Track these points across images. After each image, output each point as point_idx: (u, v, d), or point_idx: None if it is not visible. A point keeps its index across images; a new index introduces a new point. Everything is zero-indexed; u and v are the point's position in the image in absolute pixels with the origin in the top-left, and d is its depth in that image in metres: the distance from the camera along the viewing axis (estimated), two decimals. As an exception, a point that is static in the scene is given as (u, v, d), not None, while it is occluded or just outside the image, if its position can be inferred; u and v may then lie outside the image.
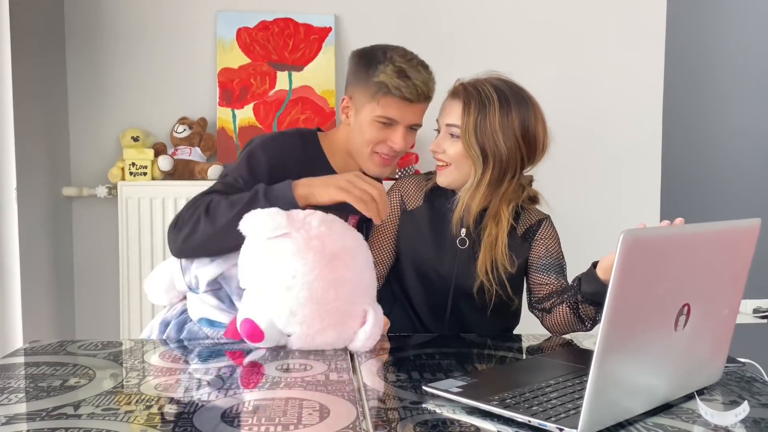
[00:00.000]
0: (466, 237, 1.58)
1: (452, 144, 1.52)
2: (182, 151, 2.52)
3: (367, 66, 1.55)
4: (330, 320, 1.28)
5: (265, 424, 0.91)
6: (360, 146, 1.59)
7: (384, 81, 1.51)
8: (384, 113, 1.54)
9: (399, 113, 1.54)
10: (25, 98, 2.23)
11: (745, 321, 3.01)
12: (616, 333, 0.86)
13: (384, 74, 1.52)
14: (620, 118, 2.78)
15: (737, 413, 0.93)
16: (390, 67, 1.52)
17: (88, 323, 2.61)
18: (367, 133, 1.56)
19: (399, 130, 1.56)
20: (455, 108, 1.51)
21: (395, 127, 1.56)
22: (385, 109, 1.54)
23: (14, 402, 0.99)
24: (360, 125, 1.57)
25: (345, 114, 1.62)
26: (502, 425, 0.93)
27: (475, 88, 1.50)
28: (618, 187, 2.78)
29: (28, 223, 2.24)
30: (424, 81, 1.53)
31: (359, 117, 1.57)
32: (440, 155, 1.55)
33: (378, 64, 1.53)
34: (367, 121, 1.56)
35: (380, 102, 1.53)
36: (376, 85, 1.53)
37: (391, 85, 1.51)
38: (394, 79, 1.51)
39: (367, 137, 1.57)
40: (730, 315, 1.08)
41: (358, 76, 1.57)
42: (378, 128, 1.56)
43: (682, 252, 0.92)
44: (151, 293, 1.52)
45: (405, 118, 1.55)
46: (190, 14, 2.59)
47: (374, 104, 1.54)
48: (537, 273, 1.58)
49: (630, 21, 2.76)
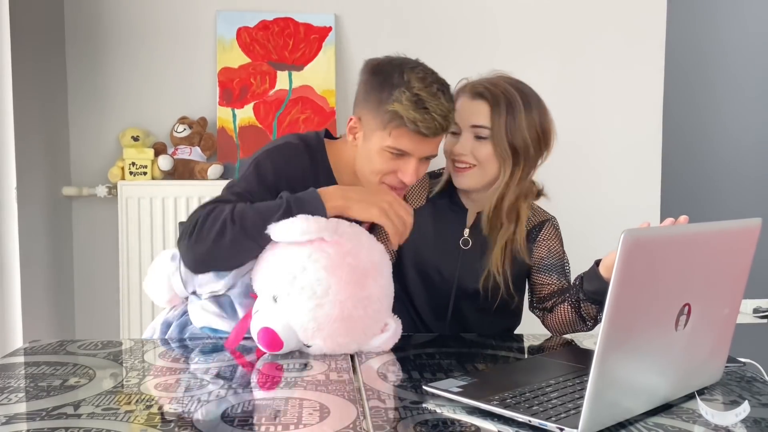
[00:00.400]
0: (469, 237, 1.58)
1: (479, 145, 1.50)
2: (182, 150, 2.52)
3: (379, 88, 1.38)
4: (354, 335, 1.27)
5: (265, 423, 0.91)
6: (367, 174, 1.45)
7: (398, 112, 1.34)
8: (395, 145, 1.38)
9: (412, 146, 1.38)
10: (25, 97, 2.23)
11: (745, 321, 3.01)
12: (617, 333, 0.86)
13: (399, 104, 1.34)
14: (620, 118, 2.78)
15: (738, 413, 0.93)
16: (406, 96, 1.34)
17: (88, 323, 2.61)
18: (376, 162, 1.41)
19: (411, 162, 1.40)
20: (481, 109, 1.49)
21: (407, 158, 1.40)
22: (398, 141, 1.38)
23: (14, 402, 0.98)
24: (368, 152, 1.42)
25: (352, 135, 1.46)
26: (502, 425, 0.92)
27: (498, 88, 1.50)
28: (618, 187, 2.78)
29: (28, 223, 2.24)
30: (444, 114, 1.36)
31: (368, 143, 1.42)
32: (465, 157, 1.51)
33: (393, 89, 1.36)
34: (377, 150, 1.40)
35: (392, 133, 1.37)
36: (389, 114, 1.36)
37: (407, 119, 1.34)
38: (410, 111, 1.34)
39: (375, 166, 1.42)
40: (730, 315, 1.08)
41: (370, 98, 1.40)
42: (388, 158, 1.40)
43: (682, 252, 0.92)
44: (152, 295, 1.47)
45: (419, 150, 1.40)
46: (190, 14, 2.59)
47: (385, 134, 1.38)
48: (539, 273, 1.58)
49: (630, 21, 2.75)
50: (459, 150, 1.51)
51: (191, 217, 1.35)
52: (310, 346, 1.26)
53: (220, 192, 1.43)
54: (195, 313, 1.41)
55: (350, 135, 1.47)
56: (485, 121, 1.49)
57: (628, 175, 2.78)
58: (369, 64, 1.45)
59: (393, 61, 1.43)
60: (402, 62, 1.42)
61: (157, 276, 1.45)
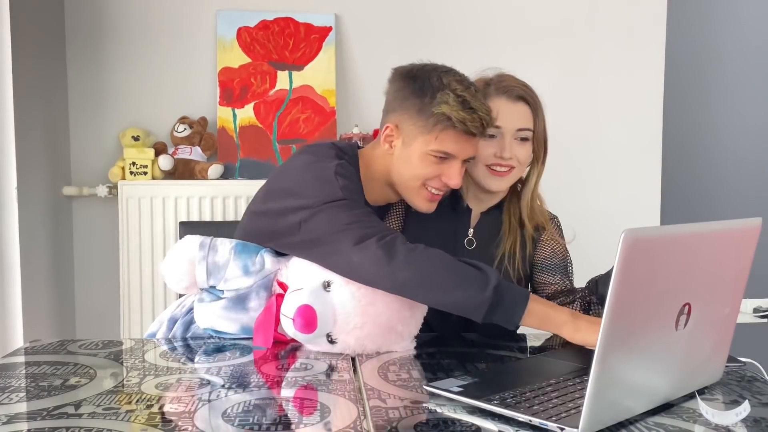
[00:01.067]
0: (473, 238, 1.58)
1: (522, 147, 1.51)
2: (183, 150, 2.52)
3: (420, 93, 1.39)
4: (380, 343, 1.29)
5: (266, 423, 0.91)
6: (408, 180, 1.44)
7: (447, 113, 1.35)
8: (441, 147, 1.39)
9: (458, 148, 1.39)
10: (26, 97, 2.23)
11: (745, 320, 3.01)
12: (617, 332, 0.86)
13: (446, 105, 1.35)
14: (621, 118, 2.78)
15: (738, 413, 0.93)
16: (452, 97, 1.36)
17: (89, 322, 2.61)
18: (419, 167, 1.41)
19: (455, 165, 1.41)
20: (523, 111, 1.51)
21: (451, 161, 1.41)
22: (443, 144, 1.38)
23: (15, 401, 0.99)
24: (409, 158, 1.42)
25: (388, 143, 1.45)
26: (503, 425, 0.93)
27: (529, 89, 1.53)
28: (619, 187, 2.78)
29: (28, 223, 2.24)
30: (487, 112, 1.39)
31: (409, 149, 1.41)
32: (510, 160, 1.50)
33: (436, 92, 1.37)
34: (420, 154, 1.40)
35: (439, 136, 1.38)
36: (436, 117, 1.36)
37: (456, 119, 1.35)
38: (459, 112, 1.35)
39: (418, 172, 1.42)
40: (730, 314, 1.08)
41: (408, 102, 1.40)
42: (432, 162, 1.40)
43: (682, 251, 0.92)
44: (170, 279, 1.41)
45: (463, 152, 1.41)
46: (190, 13, 2.60)
47: (431, 138, 1.38)
48: (542, 273, 1.59)
49: (630, 21, 2.76)
50: (506, 153, 1.49)
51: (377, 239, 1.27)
52: (335, 342, 1.26)
53: None
54: (201, 314, 1.39)
55: (385, 143, 1.46)
56: (529, 123, 1.51)
57: (629, 176, 2.79)
58: (400, 71, 1.45)
59: (425, 67, 1.43)
60: (434, 67, 1.43)
61: (180, 260, 1.39)
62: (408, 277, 1.23)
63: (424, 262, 1.24)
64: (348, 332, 1.26)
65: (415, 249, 1.26)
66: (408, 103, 1.40)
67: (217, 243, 1.41)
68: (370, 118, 2.52)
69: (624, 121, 2.78)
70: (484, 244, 1.57)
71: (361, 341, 1.27)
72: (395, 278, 1.23)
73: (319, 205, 1.32)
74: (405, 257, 1.23)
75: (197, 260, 1.38)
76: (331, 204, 1.32)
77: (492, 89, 1.51)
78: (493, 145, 1.50)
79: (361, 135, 2.53)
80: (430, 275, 1.24)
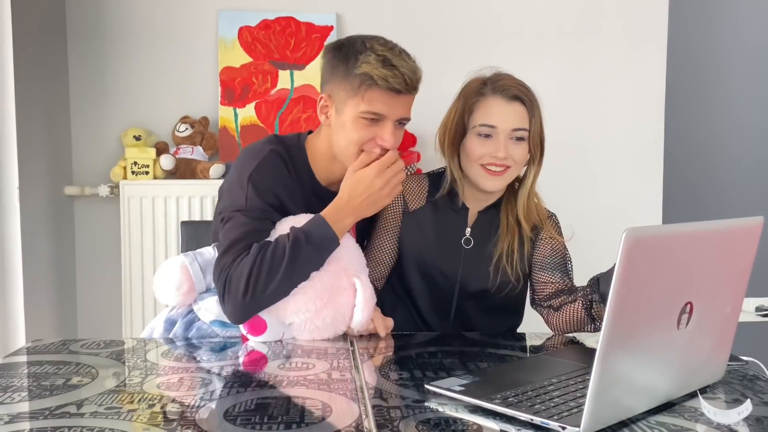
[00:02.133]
0: (471, 237, 1.58)
1: (517, 147, 1.51)
2: (184, 150, 2.53)
3: (345, 58, 1.41)
4: (321, 300, 1.34)
5: (267, 422, 0.91)
6: (345, 147, 1.44)
7: (368, 72, 1.37)
8: (370, 108, 1.39)
9: (386, 107, 1.40)
10: (27, 97, 2.23)
11: (747, 319, 3.01)
12: (619, 331, 0.86)
13: (367, 64, 1.37)
14: (622, 117, 2.77)
15: (740, 411, 0.93)
16: (372, 57, 1.38)
17: (91, 322, 2.61)
18: (352, 132, 1.42)
19: (387, 125, 1.42)
20: (519, 111, 1.50)
21: (383, 122, 1.42)
22: (371, 104, 1.39)
23: (17, 401, 0.99)
24: (343, 124, 1.43)
25: (324, 114, 1.47)
26: (504, 424, 0.93)
27: (525, 88, 1.52)
28: (620, 186, 2.78)
29: (30, 223, 2.24)
30: (412, 69, 1.40)
31: (342, 116, 1.43)
32: (505, 160, 1.50)
33: (358, 54, 1.39)
34: (351, 119, 1.41)
35: (365, 96, 1.39)
36: (359, 77, 1.38)
37: (377, 76, 1.37)
38: (379, 68, 1.37)
39: (352, 137, 1.42)
40: (732, 313, 1.08)
41: (336, 70, 1.42)
42: (364, 125, 1.41)
43: (684, 250, 0.92)
44: (162, 293, 1.46)
45: (393, 111, 1.41)
46: (191, 13, 2.60)
47: (358, 99, 1.39)
48: (542, 271, 1.58)
49: (632, 20, 2.75)
50: (501, 153, 1.49)
51: (220, 274, 1.35)
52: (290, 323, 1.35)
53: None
54: (204, 308, 1.41)
55: (322, 114, 1.48)
56: (525, 123, 1.50)
57: (631, 175, 2.78)
58: (329, 45, 1.50)
59: (352, 36, 1.47)
60: (360, 35, 1.45)
61: (173, 269, 1.43)
62: (250, 297, 1.31)
63: (249, 271, 1.31)
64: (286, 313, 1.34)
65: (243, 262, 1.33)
66: (336, 71, 1.43)
67: (199, 249, 1.49)
68: (372, 117, 2.52)
69: (626, 120, 2.77)
70: (482, 243, 1.57)
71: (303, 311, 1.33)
72: (246, 305, 1.32)
73: (229, 212, 1.41)
74: (243, 288, 1.31)
75: (188, 263, 1.43)
76: (236, 212, 1.40)
77: (488, 89, 1.51)
78: (489, 145, 1.49)
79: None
80: (260, 270, 1.31)
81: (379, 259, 1.59)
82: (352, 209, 1.41)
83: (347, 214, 1.41)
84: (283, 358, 1.25)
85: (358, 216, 1.43)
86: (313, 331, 1.35)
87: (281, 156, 1.47)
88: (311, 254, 1.35)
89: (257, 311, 1.34)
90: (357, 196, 1.41)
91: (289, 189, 1.46)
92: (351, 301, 1.37)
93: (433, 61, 1.83)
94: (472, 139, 1.51)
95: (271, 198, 1.42)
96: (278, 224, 1.41)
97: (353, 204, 1.41)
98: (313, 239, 1.35)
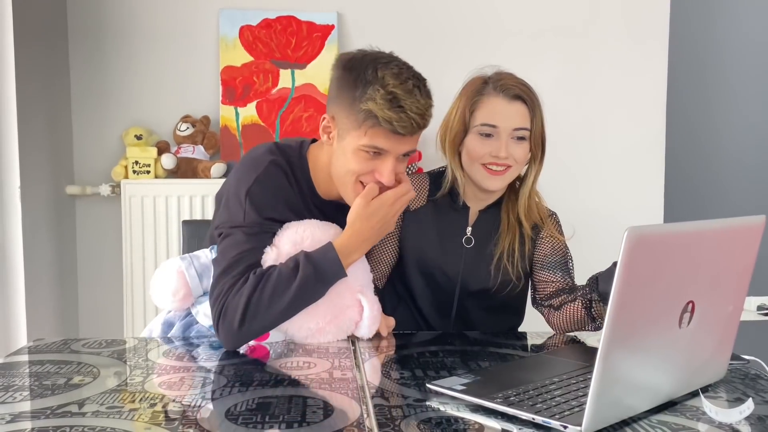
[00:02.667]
0: (471, 236, 1.58)
1: (518, 147, 1.50)
2: (185, 149, 2.53)
3: (353, 86, 1.32)
4: (324, 318, 1.32)
5: (269, 421, 0.91)
6: (342, 176, 1.38)
7: (373, 110, 1.28)
8: (372, 143, 1.32)
9: (389, 144, 1.32)
10: (29, 97, 2.23)
11: (749, 318, 3.01)
12: (621, 330, 0.86)
13: (373, 102, 1.28)
14: (624, 116, 2.77)
15: (742, 410, 0.93)
16: (380, 94, 1.28)
17: (92, 321, 2.61)
18: (352, 162, 1.34)
19: (388, 161, 1.34)
20: (520, 111, 1.50)
21: (384, 157, 1.34)
22: (373, 140, 1.32)
23: (19, 400, 0.99)
24: (344, 152, 1.36)
25: (327, 134, 1.40)
26: (506, 423, 0.93)
27: (526, 87, 1.52)
28: (621, 184, 2.78)
29: (31, 222, 2.24)
30: (420, 111, 1.30)
31: (342, 142, 1.36)
32: (506, 160, 1.49)
33: (367, 86, 1.30)
34: (352, 149, 1.34)
35: (368, 132, 1.31)
36: (363, 113, 1.30)
37: (382, 118, 1.28)
38: (384, 110, 1.28)
39: (351, 166, 1.35)
40: (734, 312, 1.08)
41: (343, 94, 1.34)
42: (364, 158, 1.34)
43: (686, 249, 0.92)
44: (158, 298, 1.45)
45: (396, 148, 1.34)
46: (192, 12, 2.60)
47: (360, 133, 1.32)
48: (543, 270, 1.58)
49: (633, 18, 2.75)
50: (502, 153, 1.48)
51: (216, 299, 1.31)
52: (291, 337, 1.36)
53: None
54: (203, 311, 1.40)
55: (324, 134, 1.41)
56: (526, 122, 1.50)
57: (632, 174, 2.78)
58: (341, 59, 1.39)
59: (366, 56, 1.35)
60: (376, 57, 1.35)
61: (169, 274, 1.43)
62: (247, 328, 1.28)
63: (252, 299, 1.28)
64: (288, 329, 1.34)
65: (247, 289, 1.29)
66: (343, 95, 1.34)
67: (195, 252, 1.47)
68: (373, 116, 2.52)
69: (627, 119, 2.77)
70: (483, 243, 1.57)
71: (306, 329, 1.34)
72: (241, 335, 1.29)
73: (227, 228, 1.37)
74: (242, 315, 1.27)
75: (185, 267, 1.42)
76: (234, 229, 1.36)
77: (489, 87, 1.51)
78: (490, 145, 1.49)
79: (364, 133, 2.52)
80: (259, 302, 1.28)
81: (380, 259, 1.59)
82: (363, 241, 1.36)
83: (357, 247, 1.36)
84: (285, 357, 1.24)
85: (366, 249, 1.38)
86: (313, 343, 1.35)
87: (281, 167, 1.41)
88: (320, 291, 1.32)
89: (252, 339, 1.31)
90: (370, 227, 1.35)
91: (290, 201, 1.41)
92: (355, 317, 1.36)
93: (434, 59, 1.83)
94: (474, 138, 1.51)
95: (270, 212, 1.37)
96: (279, 234, 1.37)
97: (365, 236, 1.36)
98: (325, 278, 1.31)
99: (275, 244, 1.36)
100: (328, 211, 1.45)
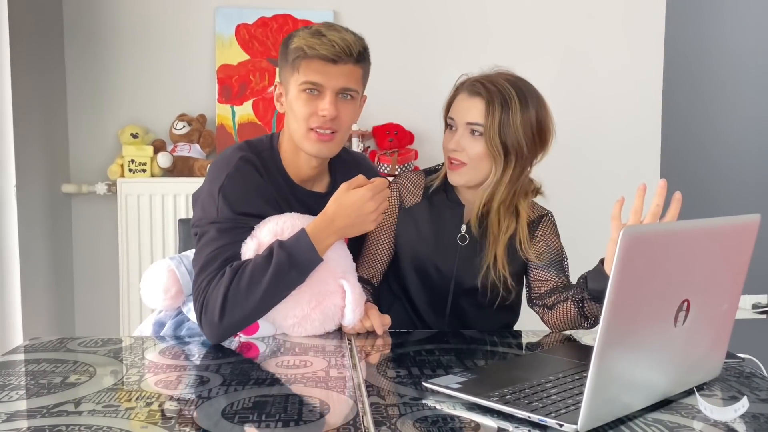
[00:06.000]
0: (466, 234, 1.58)
1: (472, 143, 1.49)
2: (181, 147, 2.52)
3: (286, 43, 1.45)
4: (309, 305, 1.35)
5: (265, 420, 0.91)
6: (296, 129, 1.44)
7: (299, 45, 1.39)
8: (306, 78, 1.40)
9: (321, 76, 1.40)
10: (24, 95, 2.23)
11: (744, 316, 3.02)
12: (616, 329, 0.86)
13: (298, 38, 1.40)
14: (620, 115, 2.78)
15: (737, 408, 0.93)
16: (304, 31, 1.41)
17: (88, 320, 2.61)
18: (297, 109, 1.42)
19: (326, 95, 1.41)
20: (477, 106, 1.49)
21: (323, 94, 1.41)
22: (306, 74, 1.40)
23: (15, 399, 0.99)
24: (290, 105, 1.44)
25: (279, 102, 1.50)
26: (502, 421, 0.93)
27: (494, 86, 1.49)
28: (617, 184, 2.78)
29: (27, 221, 2.24)
30: (343, 38, 1.39)
31: (290, 96, 1.45)
32: (458, 154, 1.50)
33: (293, 36, 1.44)
34: (294, 97, 1.42)
35: (300, 68, 1.40)
36: (293, 52, 1.41)
37: (306, 46, 1.38)
38: (308, 39, 1.39)
39: (297, 113, 1.42)
40: (729, 310, 1.08)
41: (281, 57, 1.47)
42: (305, 100, 1.41)
43: (681, 248, 0.92)
44: (150, 297, 1.46)
45: (330, 81, 1.40)
46: (188, 11, 2.59)
47: (295, 74, 1.41)
48: (538, 269, 1.58)
49: (629, 18, 2.75)
50: (452, 145, 1.51)
51: (197, 296, 1.34)
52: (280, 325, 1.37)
53: None
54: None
55: (278, 103, 1.50)
56: (479, 118, 1.48)
57: (628, 172, 2.79)
58: None
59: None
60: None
61: (159, 273, 1.45)
62: (227, 321, 1.31)
63: (230, 287, 1.31)
64: (274, 320, 1.36)
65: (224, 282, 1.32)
66: (281, 58, 1.46)
67: (184, 252, 1.50)
68: (368, 114, 2.52)
69: (622, 118, 2.78)
70: (477, 240, 1.57)
71: (291, 317, 1.35)
72: (223, 329, 1.32)
73: (203, 225, 1.40)
74: (222, 305, 1.30)
75: (174, 266, 1.45)
76: (209, 225, 1.39)
77: (465, 85, 1.53)
78: (449, 138, 1.53)
79: (360, 132, 2.52)
80: (236, 293, 1.31)
81: (375, 256, 1.59)
82: (337, 229, 1.38)
83: (331, 233, 1.37)
84: (281, 355, 1.25)
85: (341, 236, 1.40)
86: (302, 332, 1.37)
87: (251, 162, 1.45)
88: (295, 278, 1.34)
89: (235, 332, 1.33)
90: (346, 215, 1.38)
91: (265, 194, 1.44)
92: (339, 303, 1.38)
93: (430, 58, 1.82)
94: (445, 132, 1.56)
95: (244, 207, 1.40)
96: (259, 226, 1.39)
97: (339, 224, 1.38)
98: (299, 264, 1.33)
99: (256, 236, 1.37)
100: (307, 200, 1.47)
